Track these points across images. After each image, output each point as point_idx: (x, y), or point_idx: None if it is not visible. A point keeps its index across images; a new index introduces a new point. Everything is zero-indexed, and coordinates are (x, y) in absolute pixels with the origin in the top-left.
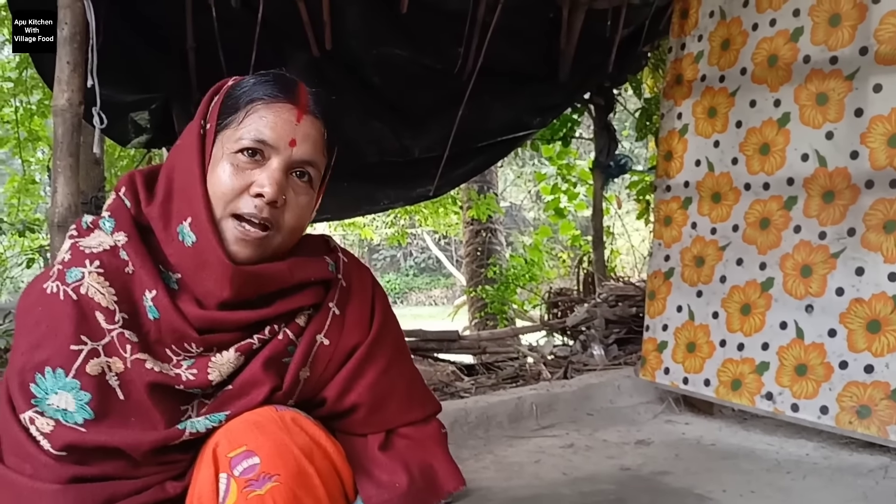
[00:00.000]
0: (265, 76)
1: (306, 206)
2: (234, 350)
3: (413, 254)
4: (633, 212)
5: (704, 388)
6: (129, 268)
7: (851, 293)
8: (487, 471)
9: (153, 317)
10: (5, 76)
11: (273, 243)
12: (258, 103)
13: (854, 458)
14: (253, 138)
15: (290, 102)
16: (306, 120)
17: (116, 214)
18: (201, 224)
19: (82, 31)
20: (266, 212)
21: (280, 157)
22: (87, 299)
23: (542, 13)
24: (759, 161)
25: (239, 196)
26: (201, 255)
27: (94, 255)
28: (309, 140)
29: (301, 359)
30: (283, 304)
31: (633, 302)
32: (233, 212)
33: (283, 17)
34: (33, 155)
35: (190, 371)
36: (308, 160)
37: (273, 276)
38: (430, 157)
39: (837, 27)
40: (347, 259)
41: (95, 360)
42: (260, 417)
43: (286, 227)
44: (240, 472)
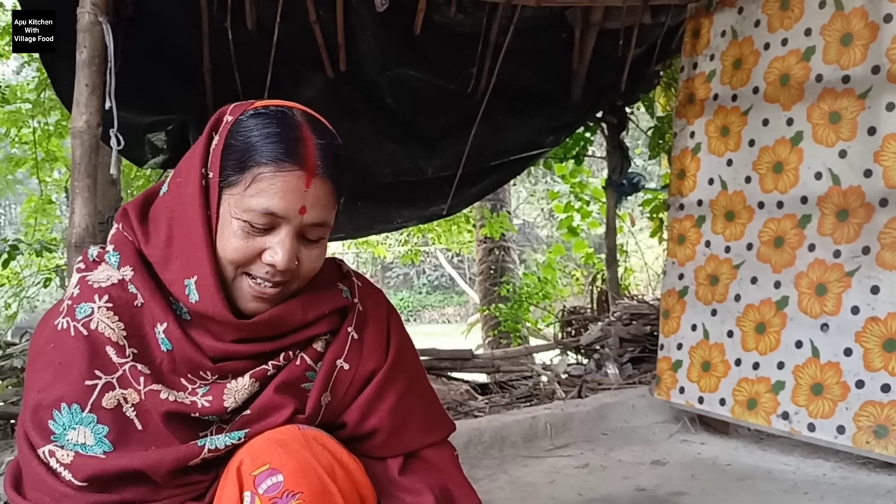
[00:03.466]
0: (267, 125)
1: (319, 256)
2: (249, 376)
3: (426, 272)
4: (646, 230)
5: (720, 408)
6: (139, 301)
7: (867, 312)
8: (502, 491)
9: (166, 348)
10: (24, 97)
11: (288, 291)
12: (264, 170)
13: (872, 478)
14: (262, 211)
15: (297, 167)
16: (315, 183)
17: (121, 248)
18: (207, 287)
19: (101, 55)
20: (279, 276)
21: (291, 226)
22: (97, 334)
23: (555, 33)
24: (773, 179)
25: (251, 262)
26: (207, 314)
27: (103, 289)
28: (319, 203)
29: (322, 384)
30: (298, 334)
31: (648, 320)
32: (245, 272)
33: (298, 39)
34: (50, 175)
35: (205, 398)
36: (319, 223)
37: (287, 318)
38: (444, 176)
39: (849, 46)
40: (361, 283)
41: (111, 394)
42: (283, 435)
43: (302, 278)
44: (264, 490)
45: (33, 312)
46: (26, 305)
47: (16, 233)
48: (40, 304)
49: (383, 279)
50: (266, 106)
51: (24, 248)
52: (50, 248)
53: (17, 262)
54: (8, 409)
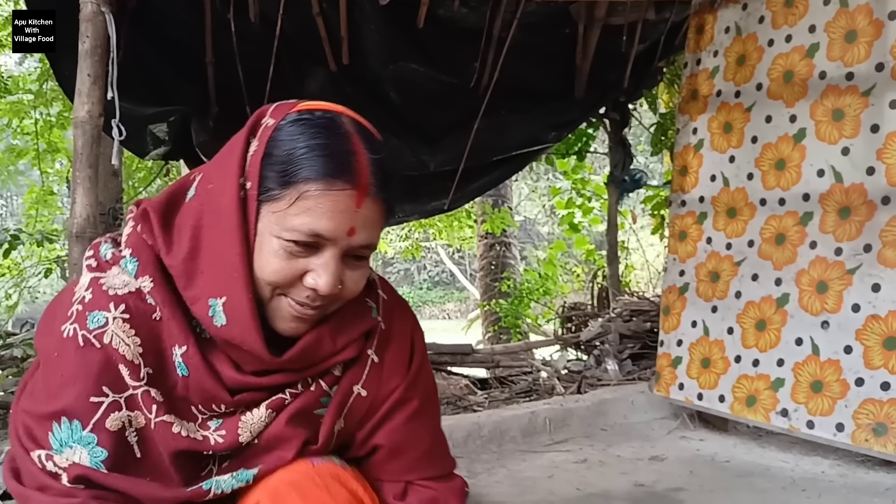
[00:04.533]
0: (315, 134)
1: (362, 277)
2: (265, 408)
3: (427, 267)
4: (647, 227)
5: (719, 405)
6: (157, 314)
7: (868, 309)
8: (501, 485)
9: (182, 373)
10: (26, 88)
11: (328, 311)
12: (312, 187)
13: (870, 476)
14: (307, 232)
15: (349, 186)
16: (367, 203)
17: (139, 253)
18: (240, 311)
19: (103, 45)
20: (320, 301)
21: (337, 247)
22: (111, 350)
23: (558, 29)
24: (775, 176)
25: (291, 284)
26: (233, 339)
27: (120, 297)
28: (368, 224)
29: (336, 410)
30: (324, 364)
31: (648, 317)
32: (284, 293)
33: (302, 32)
34: (52, 166)
35: (218, 433)
36: (366, 245)
37: (316, 349)
38: (446, 171)
39: (853, 43)
40: (387, 296)
41: (116, 414)
42: (298, 476)
43: (343, 299)
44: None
45: (34, 303)
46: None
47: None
48: (41, 294)
49: (384, 274)
50: (311, 110)
51: (26, 238)
52: (51, 238)
53: (17, 252)
54: (8, 398)
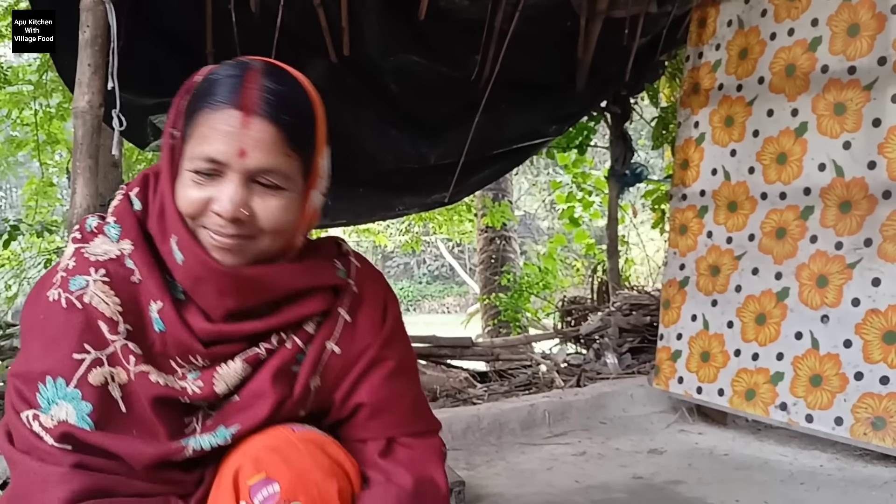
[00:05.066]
0: (221, 71)
1: (283, 209)
2: (240, 360)
3: (426, 261)
4: (648, 221)
5: (718, 398)
6: (136, 277)
7: (867, 304)
8: (499, 477)
9: (159, 329)
10: (26, 79)
11: (256, 247)
12: (203, 112)
13: (868, 470)
14: (201, 157)
15: (234, 107)
16: (255, 123)
17: (122, 220)
18: (185, 241)
19: (103, 34)
20: (230, 228)
21: (234, 172)
22: (91, 308)
23: (560, 22)
24: (776, 170)
25: (202, 213)
26: (193, 271)
27: (100, 263)
28: (261, 146)
29: (311, 367)
30: (290, 311)
31: (647, 311)
32: (202, 225)
33: (302, 23)
34: (52, 157)
35: (195, 384)
36: (264, 168)
37: (273, 278)
38: (446, 164)
39: (856, 37)
40: (360, 264)
41: (98, 370)
42: (279, 442)
43: (265, 231)
44: (259, 501)
45: None
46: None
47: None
48: None
49: (384, 268)
50: (224, 64)
51: (25, 229)
52: (51, 229)
53: (17, 243)
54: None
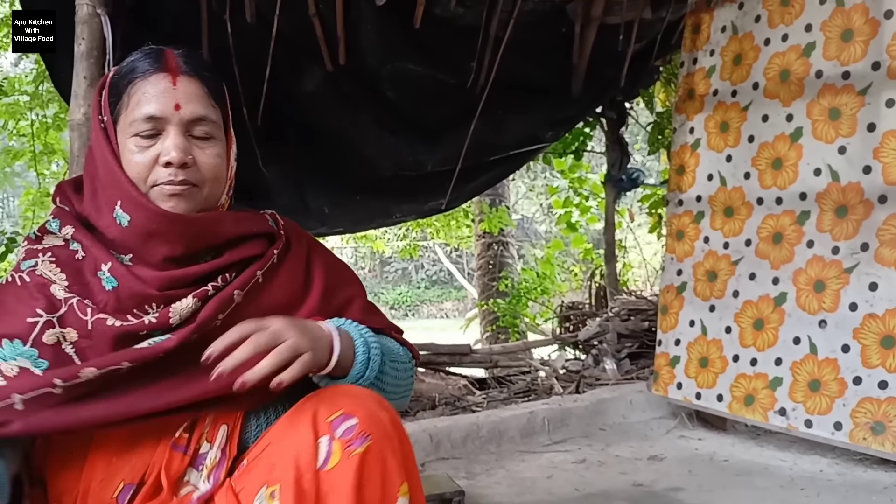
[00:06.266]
0: (136, 56)
1: (217, 157)
2: (191, 297)
3: (424, 266)
4: (645, 225)
5: (717, 404)
6: (80, 254)
7: (865, 308)
8: (499, 486)
9: (111, 286)
10: (22, 90)
11: (201, 195)
12: (135, 83)
13: (868, 474)
14: (142, 117)
15: (161, 71)
16: (182, 81)
17: (58, 215)
18: (132, 199)
19: (99, 47)
20: (180, 175)
21: (172, 124)
22: (40, 280)
23: (555, 28)
24: (772, 176)
25: (151, 170)
26: (142, 226)
27: (47, 249)
28: (192, 98)
29: (238, 283)
30: (232, 254)
31: (646, 316)
32: (153, 184)
33: (298, 31)
34: (48, 168)
35: (152, 317)
36: (198, 116)
37: (215, 221)
38: (443, 170)
39: (850, 42)
40: (284, 221)
41: (51, 331)
42: (348, 388)
43: (207, 180)
44: (340, 433)
45: None
46: None
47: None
48: None
49: (382, 274)
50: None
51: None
52: None
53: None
54: None
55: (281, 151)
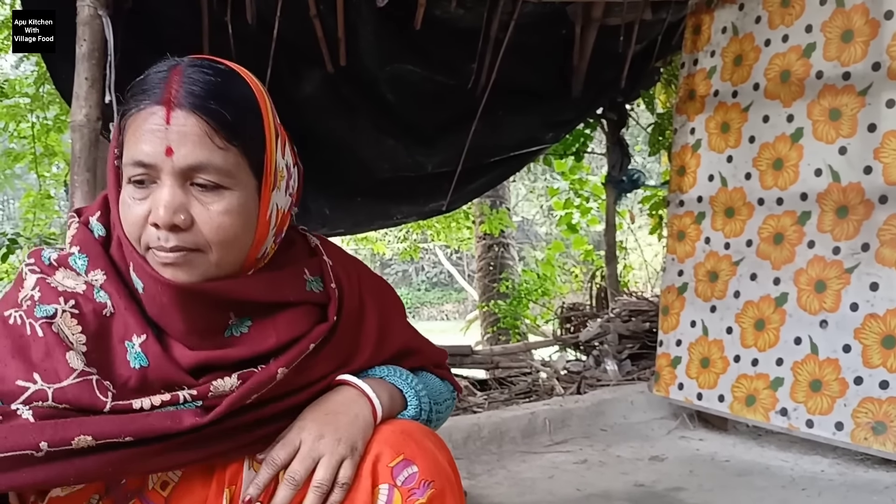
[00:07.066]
0: (147, 73)
1: (226, 213)
2: (235, 377)
3: (425, 268)
4: (645, 227)
5: (718, 404)
6: (109, 310)
7: (866, 308)
8: (500, 486)
9: (139, 365)
10: (22, 92)
11: (207, 261)
12: (131, 116)
13: (870, 474)
14: (132, 163)
15: (155, 103)
16: (177, 117)
17: (87, 249)
18: (138, 267)
19: (100, 48)
20: (172, 240)
21: (165, 174)
22: (55, 338)
23: (555, 30)
24: (773, 176)
25: (142, 229)
26: (154, 298)
27: (69, 294)
28: (187, 140)
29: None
30: (279, 332)
31: (647, 317)
32: (146, 246)
33: (298, 33)
34: (49, 170)
35: (188, 392)
36: (194, 165)
37: (234, 292)
38: (444, 172)
39: (850, 43)
40: (332, 260)
41: (39, 403)
42: (406, 427)
43: (212, 243)
44: (402, 481)
45: None
46: None
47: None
48: None
49: (382, 275)
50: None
51: (23, 242)
52: (48, 242)
53: (15, 256)
54: None
55: None
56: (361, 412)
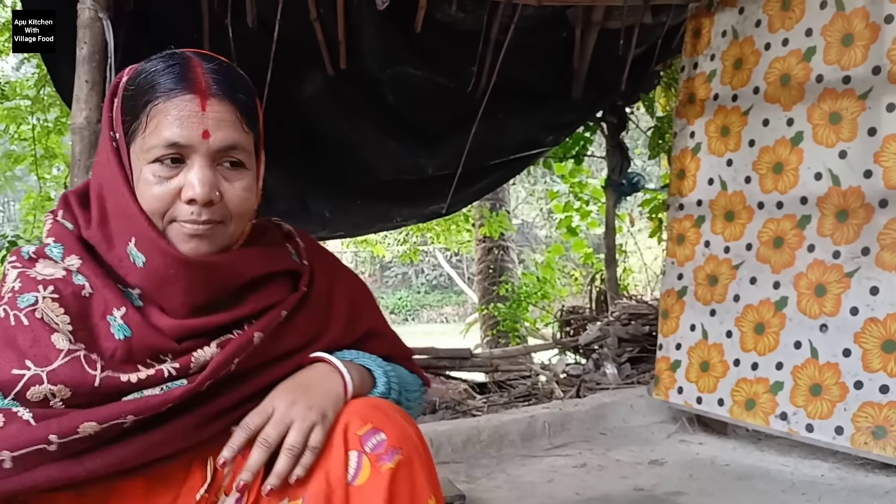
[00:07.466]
0: (157, 65)
1: (247, 189)
2: (214, 345)
3: (425, 271)
4: (645, 230)
5: (718, 408)
6: (87, 290)
7: (866, 312)
8: (500, 490)
9: (123, 335)
10: (23, 94)
11: (226, 233)
12: (157, 103)
13: (870, 479)
14: (164, 144)
15: (189, 92)
16: (212, 104)
17: (62, 239)
18: (148, 239)
19: (101, 51)
20: (205, 214)
21: (199, 154)
22: (40, 323)
23: (556, 32)
24: (773, 180)
25: (171, 205)
26: (158, 271)
27: (48, 281)
28: (223, 125)
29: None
30: (255, 300)
31: (646, 320)
32: (171, 219)
33: (299, 36)
34: (49, 172)
35: (171, 366)
36: (229, 146)
37: (240, 263)
38: (444, 174)
39: (850, 47)
40: (304, 243)
41: (37, 388)
42: (376, 402)
43: (234, 216)
44: (370, 448)
45: None
46: None
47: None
48: None
49: (382, 278)
50: (157, 58)
51: (23, 244)
52: None
53: None
54: None
55: (281, 156)
56: (333, 386)
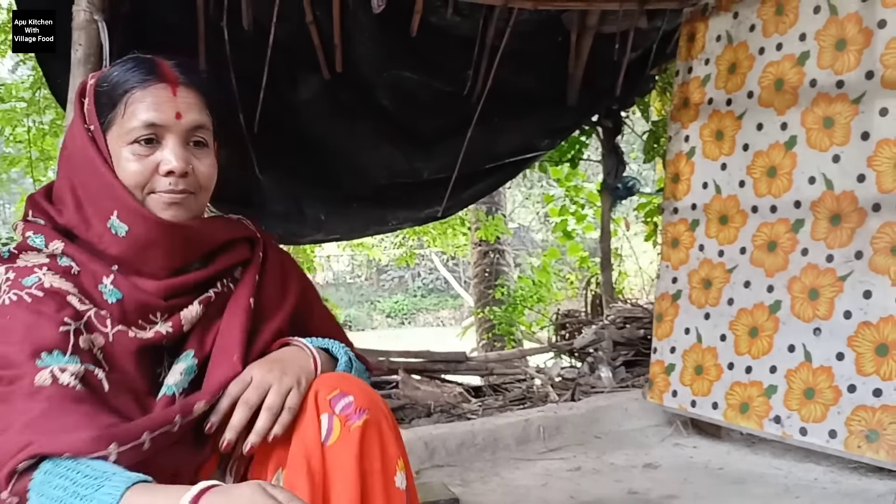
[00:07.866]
0: (125, 65)
1: (212, 166)
2: (197, 303)
3: (421, 274)
4: (640, 234)
5: (712, 412)
6: (75, 269)
7: (859, 316)
8: (494, 493)
9: (115, 299)
10: (18, 96)
11: (197, 203)
12: (134, 92)
13: (863, 482)
14: (143, 125)
15: (161, 81)
16: (181, 90)
17: (40, 230)
18: (130, 209)
19: (96, 53)
20: (181, 184)
21: (173, 133)
22: (54, 290)
23: (551, 37)
24: (767, 184)
25: (150, 178)
26: (141, 236)
27: (40, 264)
28: (192, 108)
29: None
30: (223, 259)
31: (641, 324)
32: (150, 191)
33: (295, 39)
34: (45, 174)
35: (165, 326)
36: (197, 125)
37: (210, 228)
38: (440, 178)
39: (843, 51)
40: (254, 226)
41: (84, 336)
42: (343, 374)
43: (202, 187)
44: (339, 409)
45: None
46: None
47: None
48: None
49: (378, 282)
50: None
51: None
52: None
53: None
54: None
55: (277, 159)
56: (304, 362)
